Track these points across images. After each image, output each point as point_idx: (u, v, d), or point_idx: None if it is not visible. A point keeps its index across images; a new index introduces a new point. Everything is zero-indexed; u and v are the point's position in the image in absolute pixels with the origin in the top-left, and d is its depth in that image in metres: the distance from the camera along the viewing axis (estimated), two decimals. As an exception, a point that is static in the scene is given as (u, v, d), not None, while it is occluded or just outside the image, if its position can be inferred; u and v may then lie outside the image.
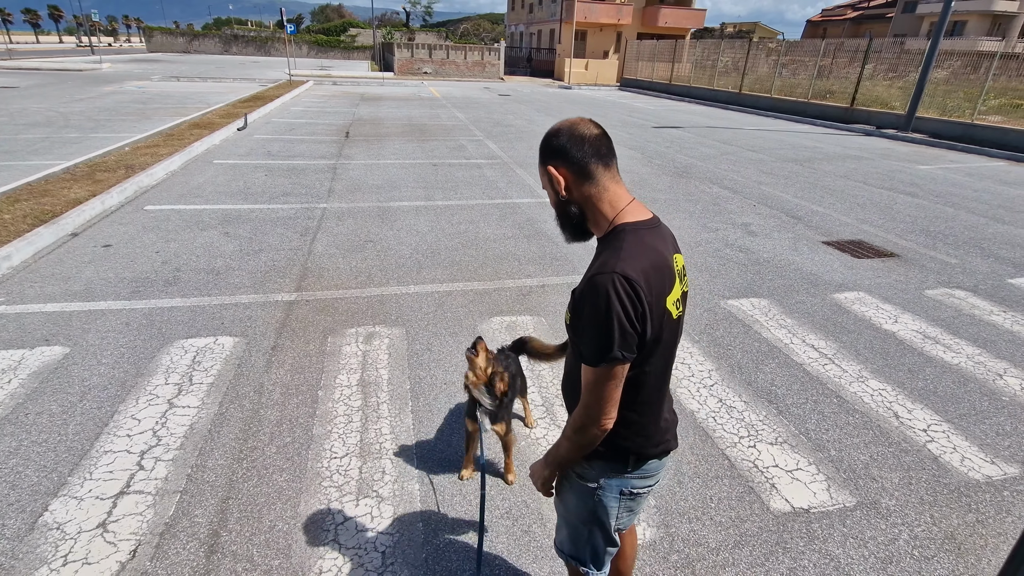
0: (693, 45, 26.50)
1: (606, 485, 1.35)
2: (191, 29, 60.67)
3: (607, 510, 1.38)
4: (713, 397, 3.05)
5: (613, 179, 1.27)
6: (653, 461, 1.35)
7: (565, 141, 1.24)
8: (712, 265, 5.02)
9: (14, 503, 2.19)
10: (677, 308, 1.23)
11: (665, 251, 1.23)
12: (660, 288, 1.16)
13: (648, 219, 1.28)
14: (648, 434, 1.31)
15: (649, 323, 1.13)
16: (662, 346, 1.22)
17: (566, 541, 1.50)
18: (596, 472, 1.34)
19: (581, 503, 1.40)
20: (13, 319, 3.57)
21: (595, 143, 1.24)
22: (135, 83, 20.17)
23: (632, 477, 1.34)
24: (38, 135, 9.53)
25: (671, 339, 1.25)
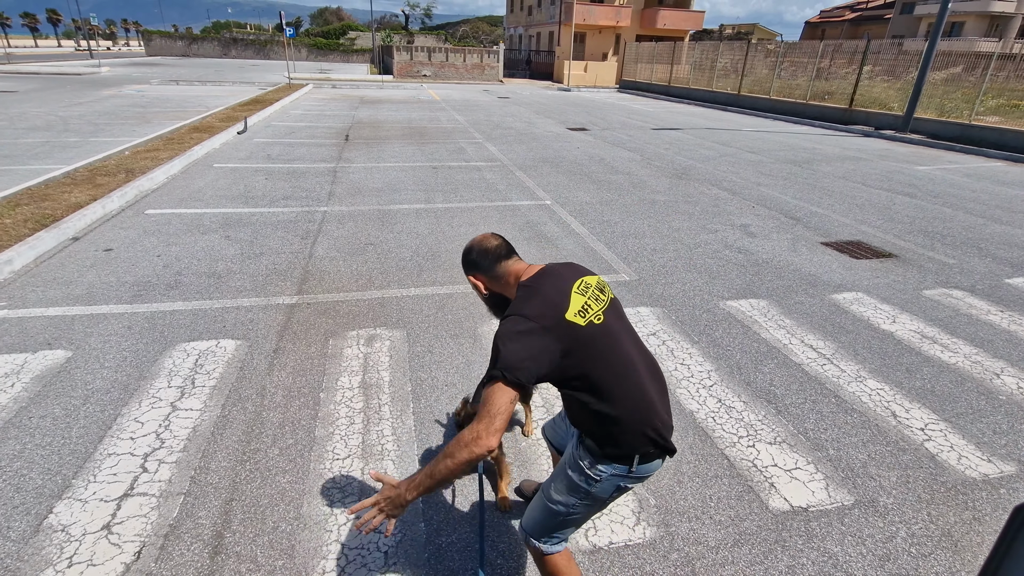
0: (692, 47, 26.57)
1: (606, 479, 1.51)
2: (190, 33, 60.78)
3: (591, 505, 1.58)
4: (712, 397, 3.07)
5: (515, 263, 1.64)
6: (655, 463, 1.53)
7: (476, 256, 1.65)
8: (711, 266, 5.04)
9: (19, 506, 2.21)
10: (583, 317, 1.45)
11: (559, 284, 1.51)
12: (554, 312, 1.43)
13: (539, 271, 1.59)
14: (638, 436, 1.47)
15: (551, 340, 1.39)
16: (591, 353, 1.44)
17: (536, 524, 1.66)
18: (602, 468, 1.50)
19: (574, 491, 1.56)
20: (15, 323, 3.59)
21: (496, 251, 1.64)
22: (134, 87, 20.21)
23: (632, 476, 1.51)
24: (38, 139, 9.56)
25: (600, 345, 1.46)
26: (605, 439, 1.48)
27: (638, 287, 4.53)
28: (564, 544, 1.67)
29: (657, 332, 3.80)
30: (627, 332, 1.58)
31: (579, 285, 1.52)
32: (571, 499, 1.57)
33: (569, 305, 1.45)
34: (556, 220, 6.30)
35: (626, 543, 2.14)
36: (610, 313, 1.54)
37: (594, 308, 1.50)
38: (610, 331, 1.50)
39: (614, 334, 1.51)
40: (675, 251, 5.42)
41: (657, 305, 4.22)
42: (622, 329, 1.56)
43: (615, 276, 4.73)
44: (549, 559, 1.65)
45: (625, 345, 1.53)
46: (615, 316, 1.56)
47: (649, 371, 1.57)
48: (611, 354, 1.47)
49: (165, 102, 15.79)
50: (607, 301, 1.56)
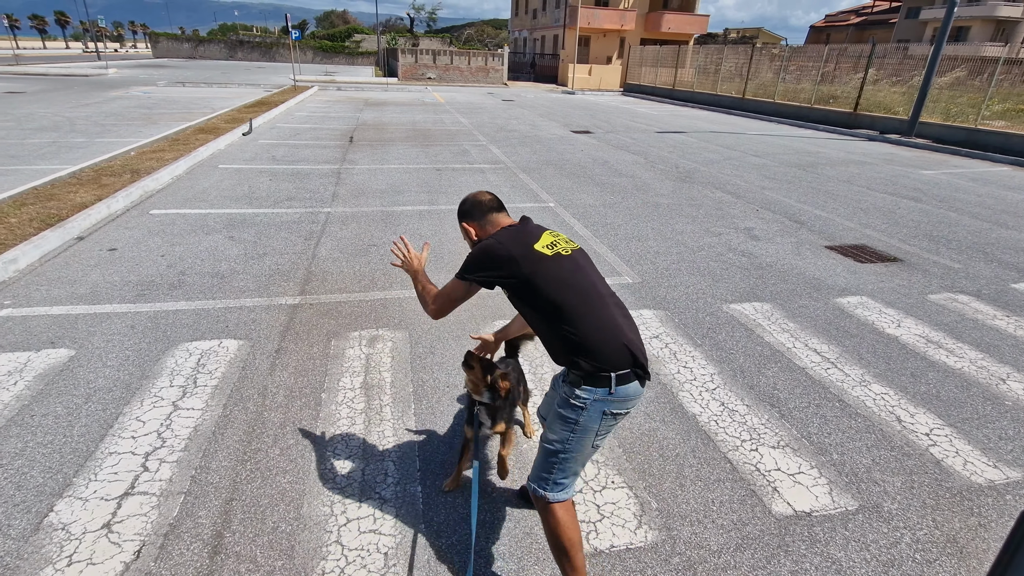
0: (696, 51, 26.57)
1: (590, 405, 1.65)
2: (196, 35, 61.14)
3: (582, 435, 1.68)
4: (715, 401, 3.06)
5: (502, 216, 1.88)
6: (633, 385, 1.65)
7: (469, 207, 1.92)
8: (715, 269, 5.02)
9: (19, 503, 2.21)
10: (551, 249, 1.71)
11: (528, 229, 1.79)
12: (524, 242, 1.71)
13: (520, 220, 1.87)
14: (607, 353, 1.61)
15: (517, 264, 1.65)
16: (553, 277, 1.66)
17: (538, 468, 1.77)
18: (584, 395, 1.64)
19: (565, 424, 1.69)
20: (19, 322, 3.60)
21: (488, 204, 1.89)
22: (141, 88, 20.33)
23: (613, 400, 1.64)
24: (45, 140, 9.62)
25: (562, 271, 1.68)
26: (580, 360, 1.62)
27: (641, 290, 4.52)
28: (568, 492, 1.76)
29: (660, 335, 3.78)
30: (594, 271, 1.80)
31: (550, 232, 1.82)
32: (563, 433, 1.70)
33: (539, 240, 1.73)
34: (560, 222, 6.30)
35: (627, 546, 2.12)
36: (578, 252, 1.80)
37: (562, 244, 1.77)
38: (576, 262, 1.74)
39: (581, 266, 1.75)
40: (678, 254, 5.40)
41: (660, 308, 4.20)
42: (589, 266, 1.79)
43: (618, 279, 4.72)
44: (553, 508, 1.73)
45: (591, 276, 1.75)
46: (583, 257, 1.80)
47: (618, 306, 1.75)
48: (576, 280, 1.69)
49: (171, 103, 15.88)
50: (575, 247, 1.82)
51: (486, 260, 1.70)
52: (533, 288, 1.65)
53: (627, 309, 1.81)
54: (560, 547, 1.74)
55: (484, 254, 1.70)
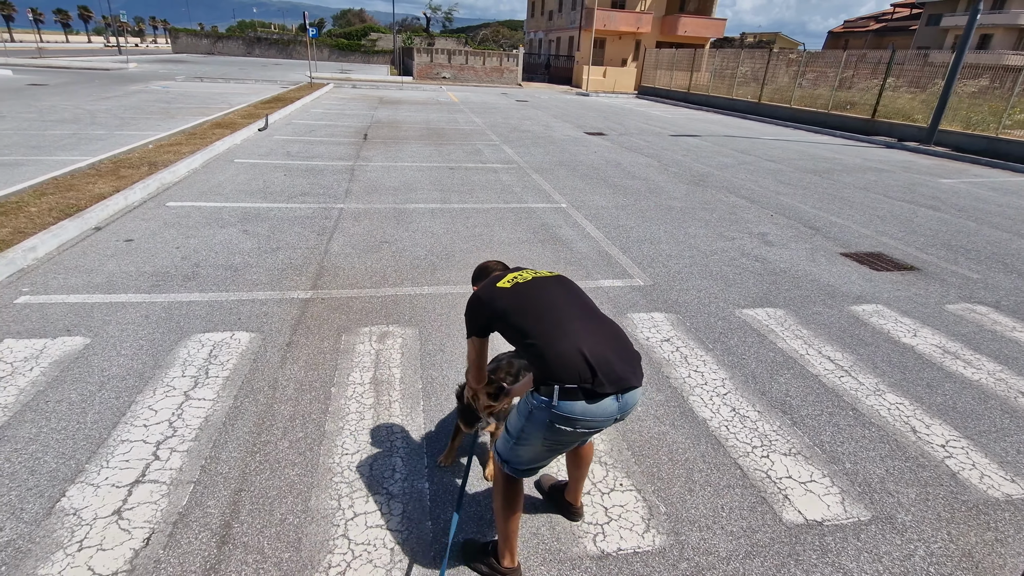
0: (712, 54, 26.41)
1: (535, 408, 1.70)
2: (215, 31, 61.85)
3: (530, 433, 1.75)
4: (726, 406, 3.02)
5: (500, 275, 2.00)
6: (579, 404, 1.61)
7: (478, 272, 2.21)
8: (727, 274, 4.98)
9: (33, 488, 2.23)
10: (510, 283, 1.87)
11: (499, 275, 1.98)
12: (490, 286, 1.90)
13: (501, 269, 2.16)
14: (556, 365, 1.62)
15: (489, 306, 1.83)
16: (513, 306, 1.79)
17: (501, 444, 1.89)
18: (534, 399, 1.71)
19: (520, 415, 1.78)
20: (37, 309, 3.66)
21: (492, 269, 2.18)
22: (160, 83, 20.60)
23: (554, 412, 1.64)
24: (66, 131, 9.77)
25: (519, 298, 1.81)
26: (538, 371, 1.69)
27: (652, 292, 4.49)
28: (518, 475, 1.88)
29: (671, 338, 3.75)
30: (560, 291, 1.87)
31: (519, 271, 1.97)
32: (518, 423, 1.79)
33: (503, 279, 1.90)
34: (571, 223, 6.28)
35: (635, 550, 2.11)
36: (542, 278, 1.90)
37: (523, 276, 1.90)
38: (533, 284, 1.86)
39: (538, 286, 1.86)
40: (691, 258, 5.36)
41: (671, 311, 4.17)
42: (554, 287, 1.87)
43: (629, 281, 4.69)
44: (505, 477, 1.89)
45: (550, 294, 1.84)
46: (548, 281, 1.89)
47: (586, 320, 1.78)
48: (532, 301, 1.80)
49: (189, 98, 16.06)
50: (546, 274, 1.94)
51: (470, 313, 1.91)
52: (503, 320, 1.80)
53: (610, 325, 1.81)
54: (500, 513, 1.91)
55: (468, 309, 1.92)
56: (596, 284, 4.59)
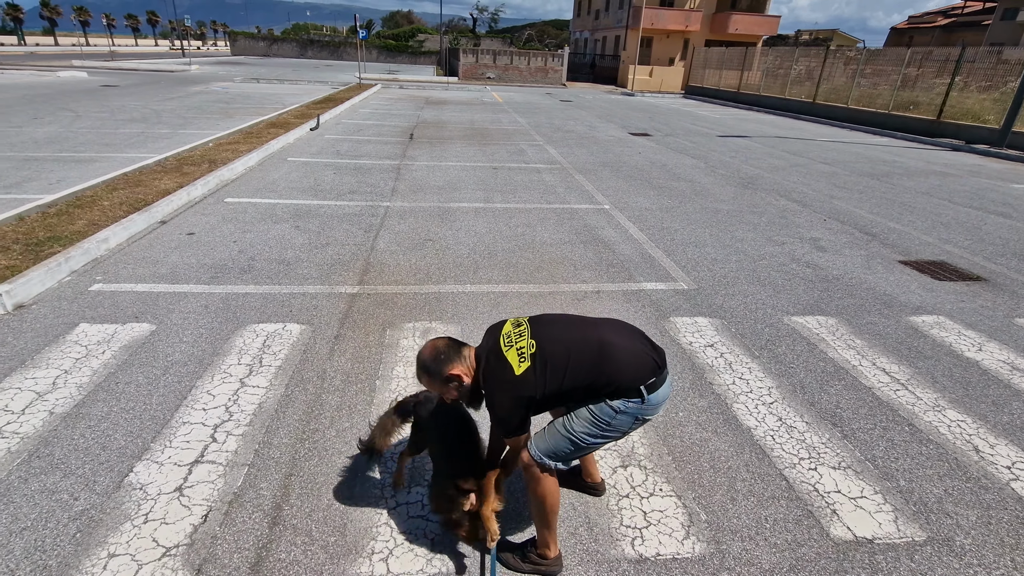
0: (764, 52, 25.59)
1: (622, 416, 1.79)
2: (271, 34, 64.31)
3: (608, 436, 1.85)
4: (772, 415, 2.94)
5: (463, 350, 1.93)
6: (661, 390, 1.81)
7: (443, 358, 1.88)
8: (776, 280, 4.83)
9: (104, 462, 2.40)
10: (524, 362, 1.77)
11: (498, 360, 1.83)
12: (511, 380, 1.78)
13: (477, 357, 1.93)
14: (635, 369, 1.79)
15: (524, 401, 1.78)
16: (553, 374, 1.78)
17: (546, 449, 1.87)
18: (622, 405, 1.78)
19: (595, 427, 1.82)
20: (108, 296, 3.92)
21: (448, 348, 1.91)
22: (219, 84, 21.59)
23: (649, 404, 1.79)
24: (135, 130, 10.39)
25: (552, 362, 1.78)
26: (609, 392, 1.78)
27: (697, 297, 4.41)
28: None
29: (715, 344, 3.68)
30: (560, 326, 1.89)
31: (505, 341, 1.84)
32: (592, 431, 1.83)
33: (512, 364, 1.77)
34: (614, 225, 6.23)
35: (674, 556, 2.08)
36: (537, 332, 1.84)
37: (524, 344, 1.80)
38: (547, 343, 1.80)
39: (555, 342, 1.81)
40: (738, 262, 5.23)
41: (716, 316, 4.08)
42: (554, 328, 1.87)
43: (672, 284, 4.62)
44: (545, 474, 1.87)
45: (573, 339, 1.83)
46: (540, 327, 1.86)
47: (599, 327, 1.88)
48: (565, 358, 1.78)
49: (246, 99, 16.78)
50: (525, 327, 1.87)
51: (518, 409, 1.78)
52: (546, 402, 1.81)
53: (611, 322, 1.95)
54: (546, 510, 1.90)
55: (514, 409, 1.78)
56: (638, 287, 4.54)
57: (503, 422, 1.82)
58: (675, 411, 2.95)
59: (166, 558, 1.97)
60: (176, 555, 1.98)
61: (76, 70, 24.23)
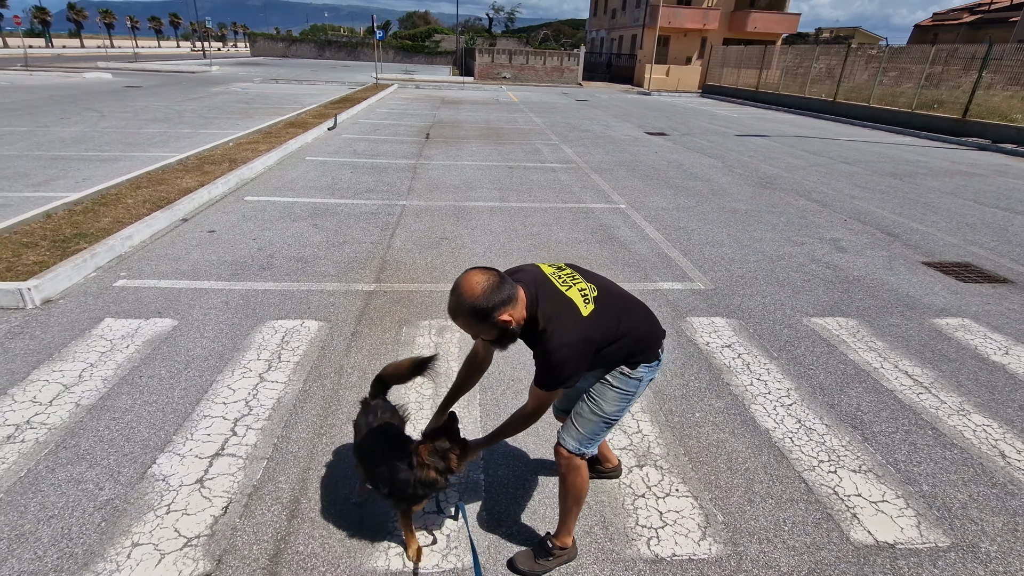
0: (784, 51, 25.26)
1: (644, 380, 1.83)
2: (289, 35, 65.07)
3: (630, 402, 1.86)
4: (791, 417, 2.91)
5: (517, 288, 1.70)
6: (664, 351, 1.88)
7: (503, 295, 1.63)
8: (795, 280, 4.77)
9: (128, 454, 2.45)
10: (588, 304, 1.67)
11: (558, 297, 1.71)
12: (578, 322, 1.66)
13: (530, 293, 1.73)
14: (652, 330, 1.83)
15: (590, 345, 1.66)
16: (610, 319, 1.70)
17: (583, 438, 1.85)
18: (641, 370, 1.80)
19: (620, 398, 1.82)
20: (132, 292, 4.00)
21: (500, 282, 1.65)
22: (239, 85, 21.91)
23: (659, 364, 1.86)
24: (157, 130, 10.59)
25: (609, 308, 1.71)
26: (631, 351, 1.76)
27: (714, 297, 4.37)
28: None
29: (732, 344, 3.64)
30: (596, 275, 1.85)
31: (560, 280, 1.71)
32: (618, 405, 1.83)
33: (577, 304, 1.65)
34: (630, 224, 6.19)
35: (690, 557, 2.07)
36: (587, 278, 1.78)
37: (584, 287, 1.72)
38: (605, 292, 1.75)
39: (609, 292, 1.77)
40: (755, 262, 5.17)
41: (734, 317, 4.04)
42: (598, 278, 1.83)
43: (689, 284, 4.58)
44: (583, 462, 1.88)
45: (612, 288, 1.81)
46: (590, 276, 1.80)
47: (621, 288, 1.88)
48: (616, 304, 1.75)
49: (265, 99, 17.00)
50: (571, 271, 1.80)
51: (578, 360, 1.61)
52: (605, 343, 1.70)
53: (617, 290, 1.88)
54: (581, 496, 1.92)
55: (576, 356, 1.60)
56: (655, 286, 4.52)
57: (558, 369, 1.58)
58: (691, 412, 2.93)
59: (187, 548, 2.00)
60: (197, 545, 2.02)
61: (101, 71, 24.76)
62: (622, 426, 2.78)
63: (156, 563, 1.93)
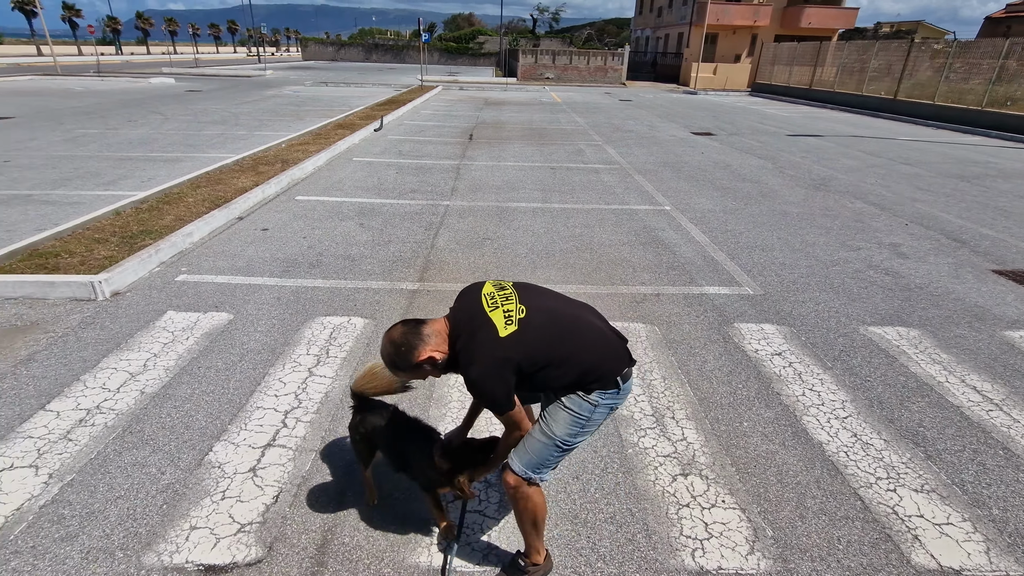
0: (840, 47, 24.19)
1: (601, 408, 1.73)
2: (339, 39, 66.99)
3: (588, 431, 1.78)
4: (846, 430, 2.78)
5: (433, 323, 1.78)
6: (630, 380, 1.78)
7: (411, 342, 1.69)
8: (851, 287, 4.56)
9: (187, 441, 2.58)
10: (511, 325, 1.64)
11: (476, 319, 1.71)
12: (492, 342, 1.64)
13: (452, 320, 1.81)
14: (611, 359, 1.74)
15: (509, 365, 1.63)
16: (540, 339, 1.67)
17: (532, 463, 1.77)
18: (598, 397, 1.72)
19: (574, 424, 1.73)
20: (192, 286, 4.20)
21: (412, 330, 1.72)
22: (291, 88, 22.71)
23: (622, 394, 1.76)
24: (215, 132, 11.09)
25: (542, 330, 1.67)
26: (584, 379, 1.69)
27: (763, 303, 4.22)
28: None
29: (783, 352, 3.51)
30: (548, 297, 1.82)
31: (489, 302, 1.70)
32: (571, 430, 1.75)
33: (496, 325, 1.63)
34: (675, 227, 6.07)
35: (737, 571, 2.01)
36: (525, 298, 1.73)
37: (512, 308, 1.68)
38: (544, 315, 1.70)
39: (552, 316, 1.72)
40: (808, 267, 4.97)
41: (784, 324, 3.90)
42: (543, 298, 1.79)
43: (737, 289, 4.45)
44: (533, 488, 1.79)
45: (561, 311, 1.76)
46: (528, 294, 1.76)
47: (584, 311, 1.82)
48: (553, 327, 1.69)
49: (316, 101, 17.56)
50: (511, 291, 1.75)
51: (498, 381, 1.61)
52: (532, 365, 1.65)
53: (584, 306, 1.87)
54: (539, 519, 1.84)
55: (492, 378, 1.60)
56: (700, 291, 4.41)
57: (479, 389, 1.63)
58: (739, 421, 2.84)
59: (241, 534, 2.09)
60: (250, 532, 2.10)
61: (165, 77, 26.16)
62: (665, 431, 2.73)
63: (212, 546, 2.02)
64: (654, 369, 3.28)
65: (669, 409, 2.91)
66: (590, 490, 2.36)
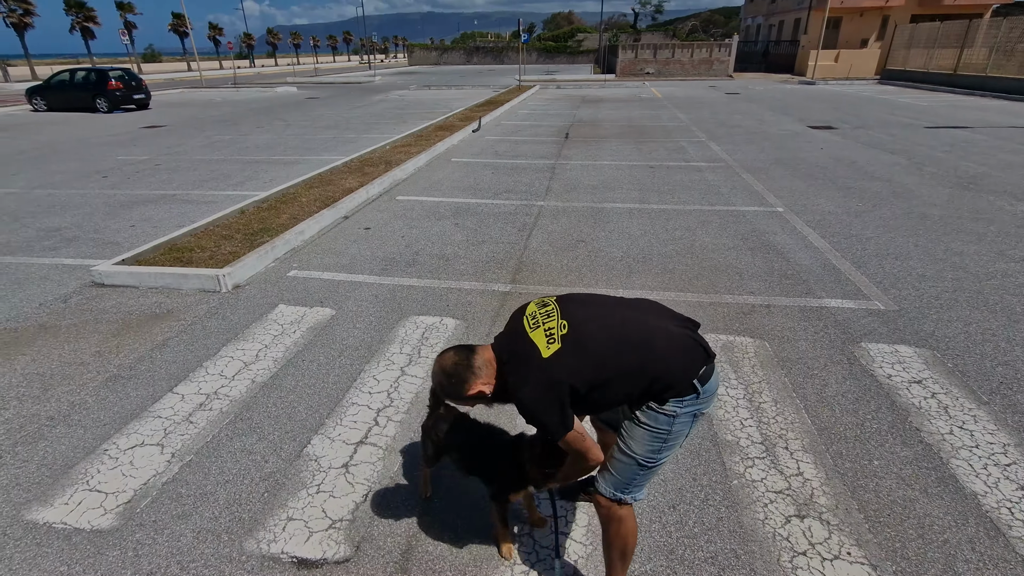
0: (993, 24, 20.97)
1: (682, 416, 1.55)
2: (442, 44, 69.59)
3: (675, 444, 1.60)
4: (1009, 481, 2.32)
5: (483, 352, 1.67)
6: (712, 379, 1.57)
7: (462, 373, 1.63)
8: (1012, 306, 3.86)
9: (289, 432, 2.71)
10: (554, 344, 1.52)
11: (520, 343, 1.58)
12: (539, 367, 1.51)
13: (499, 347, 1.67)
14: (686, 362, 1.54)
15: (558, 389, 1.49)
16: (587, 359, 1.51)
17: (618, 483, 1.65)
18: (675, 406, 1.54)
19: (655, 440, 1.57)
20: (301, 282, 4.47)
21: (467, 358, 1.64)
22: (397, 92, 23.89)
23: (703, 397, 1.56)
24: (328, 135, 11.90)
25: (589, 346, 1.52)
26: (658, 390, 1.52)
27: (897, 320, 3.69)
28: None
29: (924, 380, 3.03)
30: (594, 305, 1.64)
31: (531, 322, 1.59)
32: (653, 446, 1.59)
33: (540, 346, 1.51)
34: (789, 230, 5.53)
35: (866, 639, 1.72)
36: (568, 311, 1.59)
37: (553, 324, 1.55)
38: (592, 326, 1.55)
39: (605, 325, 1.56)
40: (955, 280, 4.29)
41: (925, 346, 3.37)
42: (589, 308, 1.63)
43: (864, 303, 3.93)
44: (629, 509, 1.68)
45: (610, 318, 1.59)
46: (571, 305, 1.61)
47: (639, 311, 1.64)
48: (602, 337, 1.53)
49: (419, 105, 18.31)
50: (553, 306, 1.61)
51: (550, 405, 1.49)
52: (588, 386, 1.52)
53: (650, 304, 1.72)
54: (627, 550, 1.73)
55: (545, 399, 1.49)
56: (819, 303, 3.95)
57: (539, 421, 1.53)
58: (868, 459, 2.47)
59: (331, 530, 2.14)
60: (340, 528, 2.14)
61: (289, 86, 28.68)
62: (777, 463, 2.43)
63: (305, 539, 2.09)
64: (764, 390, 2.96)
65: (781, 438, 2.60)
66: (688, 523, 2.16)
